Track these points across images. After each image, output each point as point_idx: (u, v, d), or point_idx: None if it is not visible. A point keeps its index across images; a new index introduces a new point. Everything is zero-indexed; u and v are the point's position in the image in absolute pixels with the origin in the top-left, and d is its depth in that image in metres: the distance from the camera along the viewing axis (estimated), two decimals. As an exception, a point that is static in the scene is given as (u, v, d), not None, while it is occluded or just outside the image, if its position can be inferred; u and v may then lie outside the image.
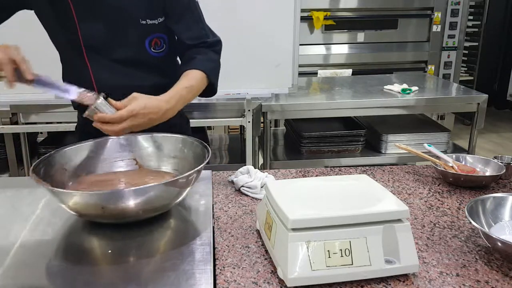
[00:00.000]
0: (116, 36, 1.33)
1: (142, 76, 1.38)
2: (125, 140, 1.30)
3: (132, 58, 1.36)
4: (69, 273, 0.89)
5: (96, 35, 1.31)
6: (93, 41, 1.32)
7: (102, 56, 1.34)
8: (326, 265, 0.86)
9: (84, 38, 1.32)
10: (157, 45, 1.37)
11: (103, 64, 1.34)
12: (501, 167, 1.38)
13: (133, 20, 1.31)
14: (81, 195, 1.01)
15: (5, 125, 2.25)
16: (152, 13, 1.33)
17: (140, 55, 1.36)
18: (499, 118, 5.59)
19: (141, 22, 1.32)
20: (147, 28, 1.34)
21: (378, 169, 1.51)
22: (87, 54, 1.34)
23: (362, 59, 3.91)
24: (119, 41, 1.33)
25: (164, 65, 1.42)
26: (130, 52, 1.35)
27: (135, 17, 1.31)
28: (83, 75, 1.35)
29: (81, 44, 1.32)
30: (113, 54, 1.34)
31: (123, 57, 1.35)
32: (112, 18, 1.30)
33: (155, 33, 1.36)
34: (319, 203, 0.96)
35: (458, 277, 0.92)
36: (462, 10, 3.88)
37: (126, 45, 1.34)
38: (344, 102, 2.42)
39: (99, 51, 1.34)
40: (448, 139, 2.55)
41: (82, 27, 1.30)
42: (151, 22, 1.33)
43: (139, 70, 1.38)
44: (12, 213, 1.15)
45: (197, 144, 1.24)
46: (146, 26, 1.33)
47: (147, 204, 1.01)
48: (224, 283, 0.89)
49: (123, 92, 1.27)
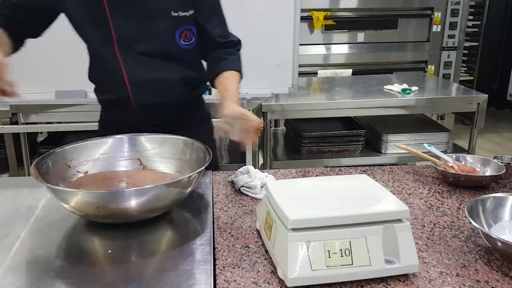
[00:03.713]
0: (148, 28, 1.34)
1: (171, 68, 1.40)
2: (129, 140, 1.30)
3: (162, 50, 1.38)
4: (69, 273, 0.89)
5: (127, 28, 1.33)
6: (125, 34, 1.33)
7: (133, 49, 1.35)
8: (326, 265, 0.86)
9: (116, 31, 1.33)
10: (186, 37, 1.39)
11: (133, 57, 1.36)
12: (501, 167, 1.38)
13: (165, 12, 1.33)
14: (78, 194, 1.01)
15: (5, 125, 2.25)
16: (184, 5, 1.35)
17: (170, 47, 1.38)
18: (499, 118, 5.59)
19: (172, 14, 1.34)
20: (178, 20, 1.35)
21: (378, 169, 1.51)
22: (118, 47, 1.35)
23: (362, 59, 3.91)
24: (150, 33, 1.35)
25: (192, 57, 1.44)
26: (161, 44, 1.37)
27: (167, 9, 1.33)
28: (113, 68, 1.37)
29: (113, 37, 1.33)
30: (144, 46, 1.36)
31: (153, 49, 1.37)
32: (144, 10, 1.32)
33: (185, 25, 1.37)
34: (319, 203, 0.96)
35: (458, 277, 0.92)
36: (462, 10, 3.88)
37: (157, 37, 1.36)
38: (344, 102, 2.42)
39: (130, 44, 1.35)
40: (448, 139, 2.55)
41: (114, 20, 1.31)
42: (182, 14, 1.35)
43: (169, 62, 1.39)
44: (12, 213, 1.15)
45: (198, 146, 1.24)
46: (177, 18, 1.35)
47: (146, 205, 1.01)
48: (224, 283, 0.89)
49: (152, 84, 1.34)
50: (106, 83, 1.43)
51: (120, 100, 1.40)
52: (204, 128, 1.54)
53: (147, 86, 1.37)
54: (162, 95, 1.40)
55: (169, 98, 1.42)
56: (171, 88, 1.41)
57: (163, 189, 1.02)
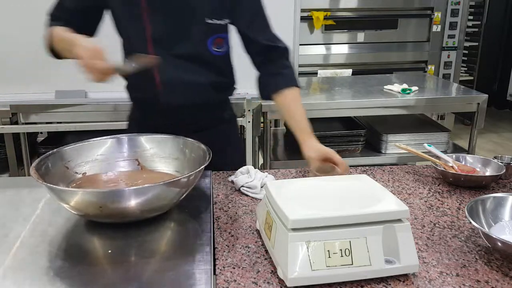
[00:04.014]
0: (182, 32, 1.37)
1: (202, 72, 1.43)
2: (128, 141, 1.30)
3: (194, 54, 1.40)
4: (69, 273, 0.89)
5: (162, 29, 1.36)
6: (159, 35, 1.36)
7: (166, 50, 1.37)
8: (326, 265, 0.86)
9: (152, 31, 1.36)
10: (218, 44, 1.42)
11: (165, 57, 1.37)
12: (501, 167, 1.38)
13: (199, 19, 1.36)
14: (79, 193, 1.01)
15: (5, 125, 2.25)
16: (218, 13, 1.38)
17: (201, 52, 1.40)
18: (499, 118, 5.59)
19: (206, 21, 1.36)
20: (212, 28, 1.38)
21: (378, 169, 1.51)
22: (153, 47, 1.37)
23: (362, 59, 3.91)
24: (183, 37, 1.37)
25: (223, 63, 1.47)
26: (193, 48, 1.39)
27: (202, 15, 1.36)
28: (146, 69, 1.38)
29: (148, 36, 1.36)
30: (176, 48, 1.38)
31: (185, 52, 1.39)
32: (180, 14, 1.35)
33: (218, 33, 1.41)
34: (319, 203, 0.96)
35: (458, 277, 0.92)
36: (462, 10, 3.88)
37: (189, 41, 1.38)
38: (344, 102, 2.42)
39: (164, 45, 1.37)
40: (448, 139, 2.55)
41: (151, 20, 1.35)
42: (217, 22, 1.38)
43: (199, 66, 1.42)
44: (12, 213, 1.15)
45: (198, 145, 1.24)
46: (211, 25, 1.38)
47: (146, 204, 1.01)
48: (224, 283, 0.89)
49: (182, 86, 1.38)
50: (137, 81, 1.46)
51: (149, 98, 1.44)
52: (229, 128, 1.59)
53: (176, 87, 1.40)
54: (190, 96, 1.43)
55: (197, 100, 1.45)
56: (200, 91, 1.44)
57: (165, 188, 1.03)
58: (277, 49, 1.47)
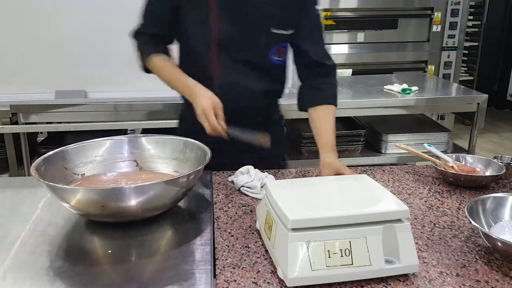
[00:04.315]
0: (246, 38, 1.40)
1: (258, 79, 1.46)
2: (127, 142, 1.30)
3: (255, 61, 1.44)
4: (69, 273, 0.89)
5: (228, 35, 1.39)
6: (224, 40, 1.40)
7: (228, 54, 1.41)
8: (326, 265, 0.86)
9: (218, 34, 1.39)
10: (280, 54, 1.46)
11: (226, 61, 1.42)
12: (501, 167, 1.38)
13: (266, 28, 1.40)
14: (82, 192, 1.01)
15: (5, 125, 2.24)
16: (285, 24, 1.41)
17: (262, 60, 1.44)
18: (499, 118, 5.59)
19: (272, 30, 1.40)
20: (276, 37, 1.42)
21: (378, 169, 1.51)
22: (215, 51, 1.41)
23: (362, 59, 3.90)
24: (247, 43, 1.41)
25: (280, 72, 1.51)
26: (255, 55, 1.43)
27: (268, 25, 1.39)
28: (205, 67, 1.43)
29: (213, 40, 1.40)
30: (238, 54, 1.42)
31: (247, 59, 1.43)
32: (247, 22, 1.39)
33: (282, 42, 1.44)
34: (319, 203, 0.96)
35: (458, 277, 0.92)
36: (462, 10, 3.88)
37: (253, 48, 1.42)
38: (344, 102, 2.41)
39: (227, 49, 1.41)
40: (448, 139, 2.54)
41: (219, 24, 1.38)
42: (282, 32, 1.42)
43: (257, 72, 1.45)
44: (12, 213, 1.15)
45: (198, 146, 1.24)
46: (276, 35, 1.41)
47: (147, 203, 1.01)
48: (224, 283, 0.89)
49: (238, 90, 1.43)
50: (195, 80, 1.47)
51: None
52: (277, 129, 1.62)
53: (232, 90, 1.43)
54: (244, 100, 1.46)
55: (250, 104, 1.48)
56: (254, 96, 1.48)
57: (166, 186, 1.03)
58: (324, 66, 1.50)
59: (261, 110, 1.52)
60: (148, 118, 2.30)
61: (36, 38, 2.32)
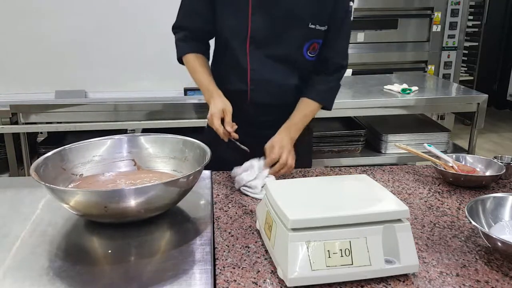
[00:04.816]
0: (282, 33, 1.40)
1: (290, 74, 1.47)
2: (126, 141, 1.30)
3: (288, 56, 1.44)
4: (69, 273, 0.89)
5: (263, 30, 1.39)
6: (259, 35, 1.40)
7: (262, 50, 1.42)
8: (326, 265, 0.86)
9: (252, 29, 1.39)
10: (313, 49, 1.45)
11: (260, 56, 1.42)
12: (501, 167, 1.38)
13: (302, 23, 1.39)
14: (83, 194, 1.01)
15: (5, 125, 2.24)
16: (321, 19, 1.40)
17: (296, 56, 1.44)
18: (499, 118, 5.59)
19: (309, 26, 1.39)
20: (312, 33, 1.41)
21: (378, 169, 1.51)
22: (250, 45, 1.41)
23: (362, 59, 3.90)
24: (283, 38, 1.41)
25: (310, 67, 1.49)
26: (289, 51, 1.43)
27: (305, 20, 1.39)
28: (239, 63, 1.44)
29: (248, 35, 1.40)
30: (273, 49, 1.42)
31: (281, 54, 1.43)
32: (283, 17, 1.38)
33: (316, 38, 1.43)
34: (319, 203, 0.96)
35: (458, 277, 0.92)
36: (462, 10, 3.88)
37: (288, 44, 1.42)
38: (344, 102, 2.41)
39: (261, 45, 1.41)
40: (448, 139, 2.54)
41: (253, 20, 1.38)
42: (318, 28, 1.41)
43: (289, 69, 1.46)
44: (12, 213, 1.15)
45: (198, 145, 1.24)
46: (312, 30, 1.41)
47: (148, 203, 1.01)
48: (224, 283, 0.89)
49: (270, 85, 1.44)
50: (229, 75, 1.49)
51: (237, 93, 1.47)
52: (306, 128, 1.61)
53: (265, 85, 1.45)
54: (275, 96, 1.48)
55: (281, 100, 1.49)
56: (285, 92, 1.48)
57: (169, 187, 1.03)
58: (331, 64, 1.49)
59: (291, 107, 1.51)
60: (148, 118, 2.30)
61: (37, 38, 2.33)
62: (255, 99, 1.47)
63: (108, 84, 2.40)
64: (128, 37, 2.32)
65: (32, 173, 1.04)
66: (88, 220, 1.09)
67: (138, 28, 2.32)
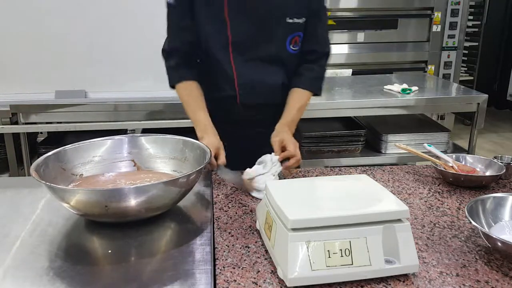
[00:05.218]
0: (262, 33, 1.41)
1: (276, 72, 1.48)
2: (126, 141, 1.30)
3: (272, 55, 1.45)
4: (69, 273, 0.89)
5: (244, 34, 1.40)
6: (241, 39, 1.41)
7: (246, 53, 1.43)
8: (326, 265, 0.86)
9: (233, 36, 1.40)
10: (296, 43, 1.46)
11: (244, 61, 1.43)
12: (501, 167, 1.38)
13: (281, 19, 1.40)
14: (85, 193, 1.01)
15: (5, 125, 2.25)
16: (299, 12, 1.41)
17: (280, 52, 1.45)
18: (499, 118, 5.59)
19: (287, 20, 1.40)
20: (292, 27, 1.42)
21: (378, 169, 1.51)
22: (233, 52, 1.42)
23: (362, 59, 3.90)
24: (264, 38, 1.42)
25: (295, 61, 1.51)
26: (273, 49, 1.44)
27: (283, 15, 1.40)
28: (225, 69, 1.44)
29: (229, 41, 1.41)
30: (256, 51, 1.43)
31: (265, 54, 1.44)
32: (261, 16, 1.39)
33: (297, 31, 1.44)
34: (319, 203, 0.96)
35: (458, 277, 0.92)
36: (462, 10, 3.88)
37: (270, 43, 1.43)
38: (344, 102, 2.42)
39: (244, 48, 1.42)
40: (448, 139, 2.55)
41: (232, 26, 1.39)
42: (297, 21, 1.42)
43: (275, 66, 1.47)
44: (12, 213, 1.15)
45: (198, 145, 1.24)
46: (291, 24, 1.41)
47: (149, 203, 1.01)
48: (224, 283, 0.89)
49: (258, 87, 1.45)
50: (216, 82, 1.50)
51: (227, 98, 1.49)
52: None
53: (253, 88, 1.46)
54: (264, 96, 1.50)
55: (270, 99, 1.50)
56: (274, 90, 1.50)
57: (169, 186, 1.03)
58: (313, 53, 1.51)
59: (280, 106, 1.52)
60: (148, 118, 2.30)
61: (36, 38, 2.32)
62: (245, 101, 1.49)
63: (108, 84, 2.40)
64: (128, 37, 2.32)
65: (33, 173, 1.04)
66: (88, 220, 1.09)
67: (138, 28, 2.32)
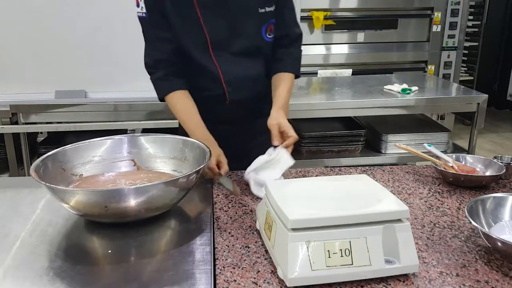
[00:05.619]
0: (238, 27, 1.42)
1: (257, 63, 1.51)
2: (126, 141, 1.30)
3: (251, 47, 1.48)
4: (69, 273, 0.89)
5: (220, 31, 1.41)
6: (218, 36, 1.42)
7: (226, 50, 1.44)
8: (326, 265, 0.86)
9: (210, 36, 1.41)
10: (271, 30, 1.48)
11: (226, 57, 1.45)
12: (501, 167, 1.38)
13: (253, 10, 1.42)
14: (85, 193, 1.01)
15: (5, 125, 2.25)
16: (267, 1, 1.43)
17: (258, 43, 1.49)
18: (499, 118, 5.59)
19: (259, 11, 1.42)
20: (265, 16, 1.44)
21: (378, 169, 1.51)
22: (213, 51, 1.43)
23: (362, 59, 3.90)
24: (240, 31, 1.43)
25: (272, 49, 1.53)
26: (250, 41, 1.46)
27: (254, 6, 1.42)
28: (209, 69, 1.45)
29: (208, 41, 1.42)
30: (235, 46, 1.45)
31: (244, 47, 1.46)
32: (233, 11, 1.40)
33: (270, 19, 1.46)
34: (319, 203, 0.96)
35: (458, 277, 0.92)
36: (462, 10, 3.88)
37: (246, 35, 1.45)
38: (344, 102, 2.42)
39: (223, 45, 1.44)
40: (448, 139, 2.54)
41: (207, 26, 1.40)
42: (269, 10, 1.44)
43: (256, 58, 1.50)
44: (12, 213, 1.15)
45: (197, 145, 1.24)
46: (264, 14, 1.43)
47: (149, 203, 1.01)
48: (224, 283, 0.89)
49: (244, 81, 1.47)
50: (203, 83, 1.50)
51: (216, 97, 1.50)
52: None
53: (240, 83, 1.48)
54: (251, 89, 1.52)
55: (256, 92, 1.53)
56: (258, 81, 1.52)
57: (169, 186, 1.03)
58: (287, 37, 1.53)
59: (265, 93, 1.53)
60: (148, 118, 2.30)
61: (36, 38, 2.32)
62: (234, 97, 1.50)
63: (108, 84, 2.40)
64: (128, 37, 2.32)
65: (32, 173, 1.04)
66: (88, 220, 1.09)
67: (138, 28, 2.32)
